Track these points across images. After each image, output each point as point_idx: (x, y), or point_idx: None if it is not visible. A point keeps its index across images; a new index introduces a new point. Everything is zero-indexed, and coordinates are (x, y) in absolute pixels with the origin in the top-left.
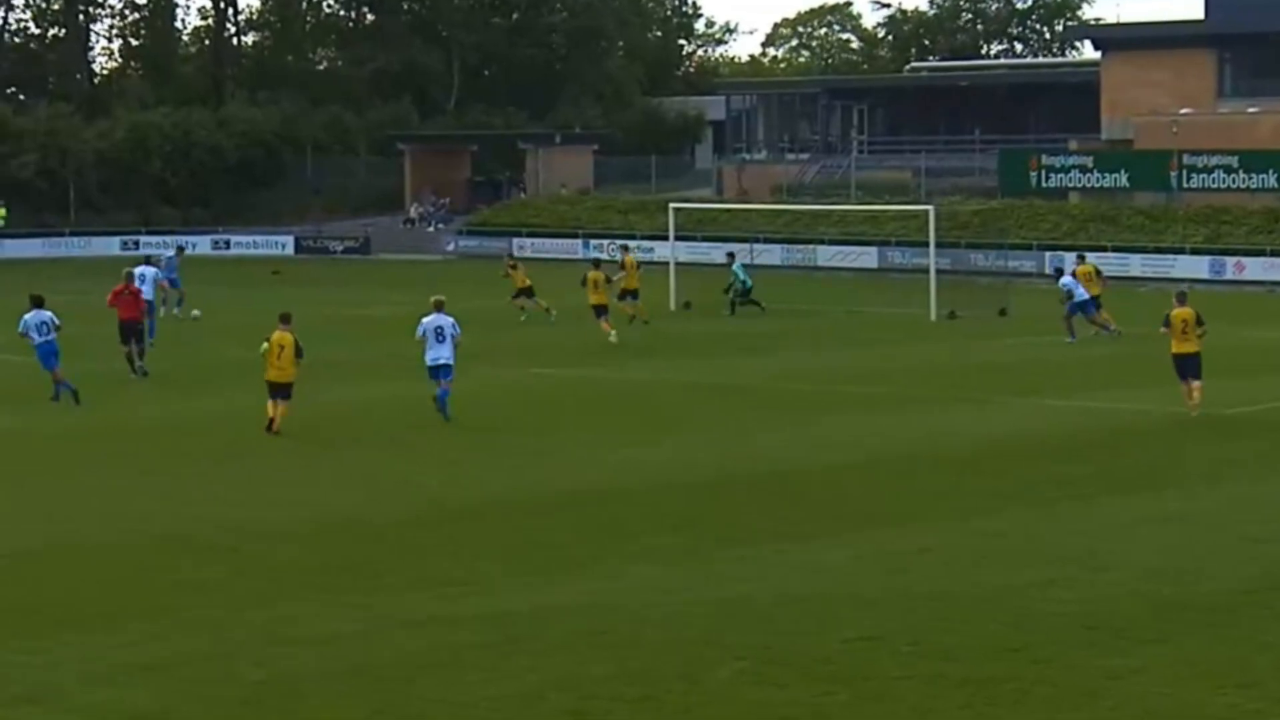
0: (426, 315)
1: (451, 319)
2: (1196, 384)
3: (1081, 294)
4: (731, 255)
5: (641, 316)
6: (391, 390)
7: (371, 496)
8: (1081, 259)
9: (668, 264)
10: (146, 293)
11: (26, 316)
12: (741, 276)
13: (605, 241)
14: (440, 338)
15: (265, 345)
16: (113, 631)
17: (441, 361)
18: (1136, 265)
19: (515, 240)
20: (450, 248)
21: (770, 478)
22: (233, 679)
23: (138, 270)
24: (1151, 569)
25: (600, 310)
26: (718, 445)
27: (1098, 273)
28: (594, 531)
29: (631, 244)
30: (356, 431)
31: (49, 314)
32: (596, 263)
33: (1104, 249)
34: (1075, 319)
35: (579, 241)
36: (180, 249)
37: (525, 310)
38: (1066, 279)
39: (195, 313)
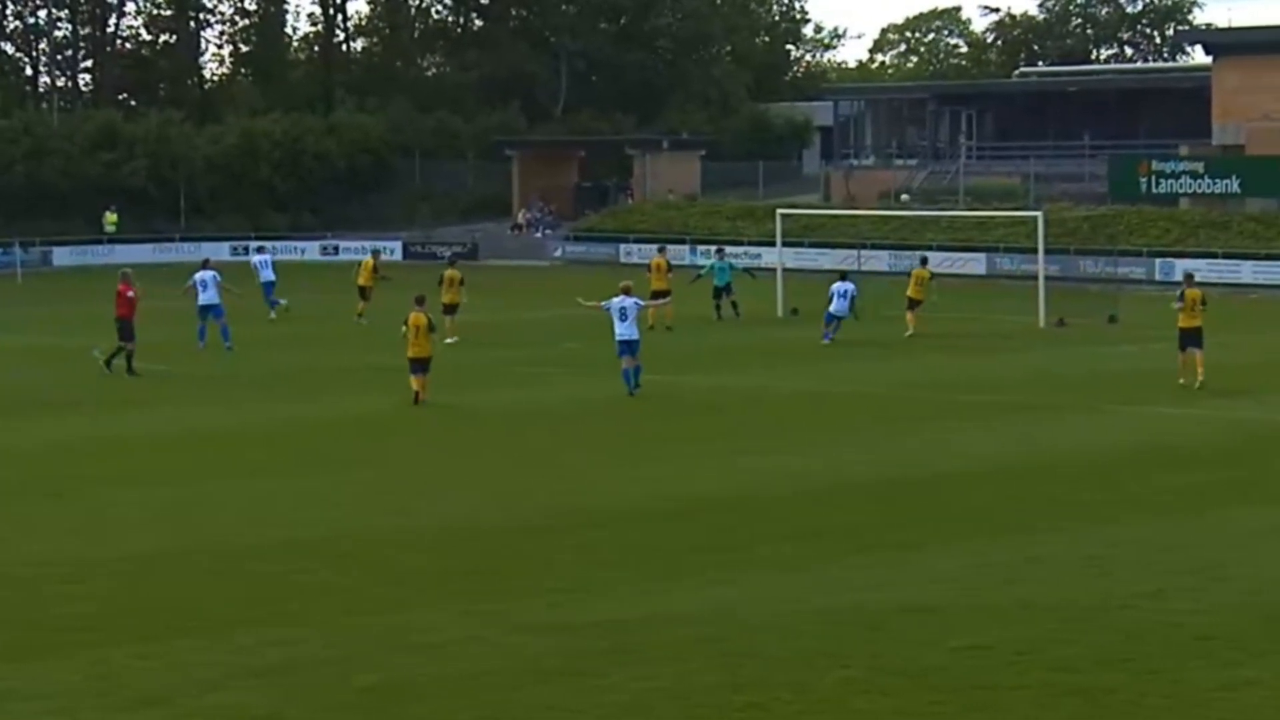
0: (615, 297)
1: (634, 299)
2: (1199, 353)
3: (838, 304)
4: (722, 252)
5: (666, 321)
6: (506, 397)
7: (491, 503)
8: (924, 262)
9: (775, 270)
10: (211, 297)
11: None
12: (717, 277)
13: (711, 248)
14: (624, 316)
15: (404, 328)
16: (228, 636)
17: (629, 338)
18: (1247, 272)
19: (622, 246)
20: (557, 254)
21: (881, 485)
22: (345, 684)
23: (198, 275)
24: (1269, 579)
25: (450, 309)
26: (831, 453)
27: (930, 277)
28: (711, 539)
29: (670, 248)
30: (474, 438)
31: None
32: (453, 261)
33: (1214, 255)
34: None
35: (686, 248)
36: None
37: (363, 315)
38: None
39: (282, 301)
